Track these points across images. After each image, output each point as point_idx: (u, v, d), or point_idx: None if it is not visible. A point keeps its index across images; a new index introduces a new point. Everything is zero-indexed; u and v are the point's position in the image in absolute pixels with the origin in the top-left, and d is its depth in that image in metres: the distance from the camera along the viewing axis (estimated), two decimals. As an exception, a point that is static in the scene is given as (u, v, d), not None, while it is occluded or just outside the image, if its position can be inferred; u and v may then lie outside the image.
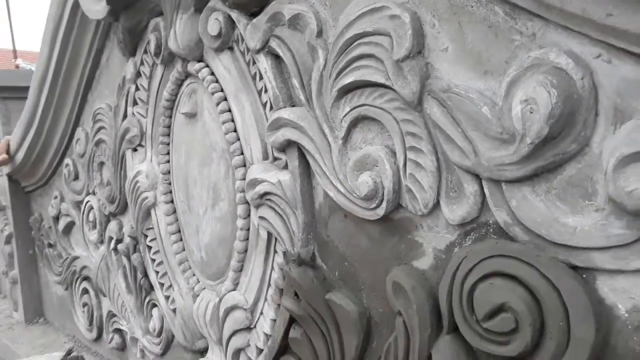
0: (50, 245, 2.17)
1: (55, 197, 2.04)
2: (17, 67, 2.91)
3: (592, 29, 0.58)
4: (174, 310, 1.39)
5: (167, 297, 1.43)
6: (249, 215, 1.10)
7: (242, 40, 1.05)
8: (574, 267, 0.64)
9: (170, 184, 1.37)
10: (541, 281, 0.65)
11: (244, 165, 1.10)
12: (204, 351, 1.32)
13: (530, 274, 0.66)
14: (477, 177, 0.71)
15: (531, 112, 0.62)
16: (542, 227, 0.65)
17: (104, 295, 1.78)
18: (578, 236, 0.62)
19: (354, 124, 0.87)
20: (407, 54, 0.75)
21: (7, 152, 2.11)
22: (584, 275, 0.64)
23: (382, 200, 0.82)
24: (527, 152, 0.64)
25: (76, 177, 1.86)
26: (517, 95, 0.64)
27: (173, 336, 1.43)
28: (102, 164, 1.68)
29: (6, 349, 2.20)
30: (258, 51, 1.00)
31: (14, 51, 3.67)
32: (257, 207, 1.05)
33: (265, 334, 1.10)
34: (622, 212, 0.58)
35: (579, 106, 0.61)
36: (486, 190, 0.70)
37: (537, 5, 0.63)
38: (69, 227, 1.99)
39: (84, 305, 1.94)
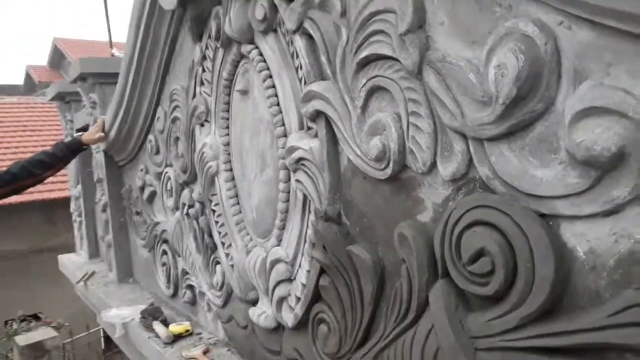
0: (137, 213, 2.47)
1: (141, 170, 2.33)
2: (112, 55, 3.29)
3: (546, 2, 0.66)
4: (232, 266, 1.58)
5: (227, 255, 1.63)
6: (288, 180, 1.25)
7: (283, 23, 1.19)
8: (543, 215, 0.71)
9: (229, 154, 1.55)
10: (513, 228, 0.73)
11: (285, 135, 1.24)
12: (255, 301, 1.50)
13: (504, 221, 0.74)
14: (464, 137, 0.80)
15: (502, 76, 0.70)
16: (515, 180, 0.73)
17: (179, 256, 2.03)
18: (544, 186, 0.70)
19: (370, 93, 0.98)
20: (408, 29, 0.85)
21: (103, 130, 2.43)
22: (551, 222, 0.71)
23: (389, 161, 0.93)
24: (501, 112, 0.72)
25: (157, 151, 2.11)
26: (492, 62, 0.72)
27: (232, 289, 1.63)
28: (177, 138, 1.90)
29: (101, 302, 2.56)
30: (294, 32, 1.14)
31: (110, 41, 4.13)
32: (294, 171, 1.20)
33: (302, 284, 1.25)
34: (576, 163, 0.65)
35: (543, 69, 0.68)
36: (471, 148, 0.79)
37: (510, -20, 0.70)
38: (152, 196, 2.27)
39: (163, 265, 2.21)
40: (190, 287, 1.97)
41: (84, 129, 2.72)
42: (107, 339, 6.12)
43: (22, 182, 2.20)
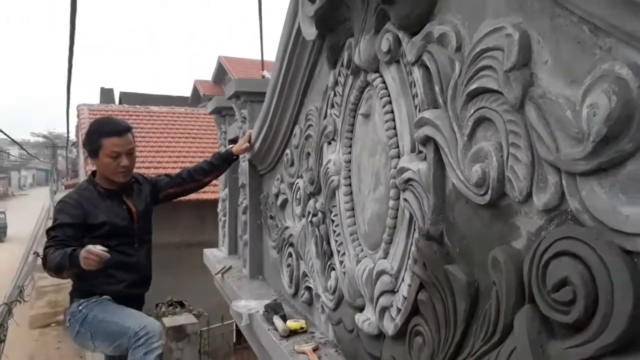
0: (271, 217, 2.75)
1: (278, 179, 2.60)
2: (263, 77, 3.69)
3: (647, 45, 0.68)
4: (344, 273, 1.72)
5: (341, 262, 1.77)
6: (398, 198, 1.35)
7: (405, 55, 1.30)
8: (627, 252, 0.73)
9: (349, 170, 1.70)
10: (596, 260, 0.76)
11: (398, 157, 1.35)
12: (362, 308, 1.61)
13: (589, 254, 0.77)
14: (558, 170, 0.84)
15: (594, 115, 0.74)
16: (603, 215, 0.76)
17: (301, 259, 2.22)
18: (629, 223, 0.72)
19: (477, 123, 1.04)
20: (512, 66, 0.91)
21: (249, 141, 2.76)
22: (635, 259, 0.72)
23: (488, 188, 0.99)
24: (591, 149, 0.75)
25: (292, 164, 2.35)
26: (587, 101, 0.76)
27: (343, 295, 1.76)
28: (308, 154, 2.11)
29: (234, 293, 2.87)
30: (413, 63, 1.25)
31: (262, 63, 4.61)
32: (403, 190, 1.30)
33: (404, 297, 1.34)
34: (662, 203, 0.66)
35: (635, 111, 0.70)
36: (564, 182, 0.83)
37: (608, 25, 0.74)
38: (284, 203, 2.51)
39: (288, 266, 2.43)
40: (309, 288, 2.15)
41: (234, 140, 3.14)
42: (238, 333, 6.67)
43: (187, 185, 2.79)
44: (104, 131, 2.31)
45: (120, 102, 18.94)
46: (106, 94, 21.56)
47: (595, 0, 0.74)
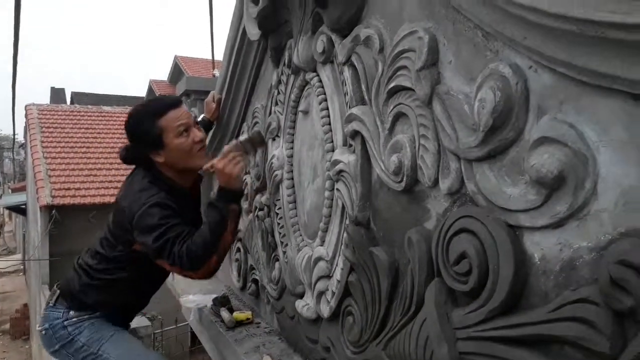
0: (220, 214, 2.80)
1: (226, 176, 2.65)
2: (213, 75, 3.74)
3: (522, 48, 0.80)
4: (287, 263, 1.81)
5: (284, 252, 1.85)
6: (332, 189, 1.45)
7: (337, 55, 1.40)
8: (511, 226, 0.85)
9: (292, 164, 1.79)
10: (487, 235, 0.87)
11: (332, 150, 1.45)
12: (302, 295, 1.70)
13: (481, 229, 0.88)
14: (458, 158, 0.95)
15: (483, 108, 0.85)
16: (492, 195, 0.87)
17: (249, 253, 2.29)
18: (512, 201, 0.83)
19: (396, 118, 1.15)
20: (422, 66, 1.02)
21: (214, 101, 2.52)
22: (516, 232, 0.84)
23: (404, 175, 1.09)
24: (482, 138, 0.87)
25: (239, 161, 2.41)
26: (478, 96, 0.88)
27: (285, 284, 1.84)
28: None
29: (184, 290, 2.90)
30: (344, 63, 1.35)
31: (213, 62, 4.66)
32: (336, 181, 1.40)
33: (337, 280, 1.43)
34: (532, 182, 0.78)
35: (514, 104, 0.82)
36: (462, 167, 0.94)
37: (495, 31, 0.86)
38: (232, 199, 2.57)
39: (236, 260, 2.49)
40: (256, 281, 2.22)
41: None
42: (193, 335, 6.63)
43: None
44: (155, 111, 1.77)
45: (71, 102, 18.37)
46: (57, 94, 20.88)
47: (483, 10, 0.86)
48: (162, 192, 1.72)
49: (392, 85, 1.13)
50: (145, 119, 1.77)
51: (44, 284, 9.71)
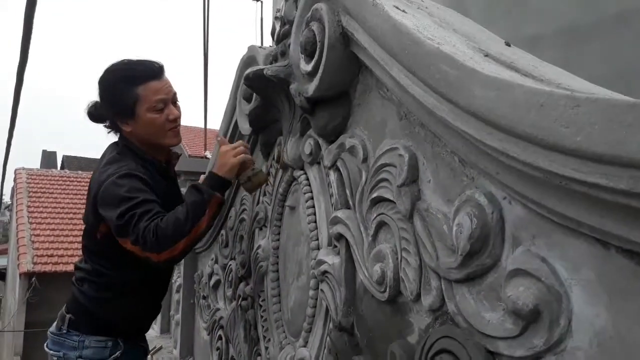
0: (204, 297, 2.75)
1: (212, 259, 2.64)
2: (205, 157, 3.84)
3: (496, 181, 0.85)
4: (269, 359, 1.76)
5: (266, 348, 1.82)
6: (317, 288, 1.45)
7: (323, 158, 1.45)
8: (490, 352, 0.85)
9: (277, 257, 1.80)
10: (467, 359, 0.87)
11: (318, 249, 1.47)
12: (283, 395, 1.65)
13: (462, 352, 0.88)
14: (439, 276, 0.97)
15: (460, 233, 0.89)
16: (472, 318, 0.88)
17: (230, 343, 2.24)
18: (490, 327, 0.84)
19: (379, 227, 1.18)
20: (403, 182, 1.06)
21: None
22: (496, 358, 0.84)
23: (387, 286, 1.11)
24: (460, 261, 0.89)
25: (226, 245, 2.41)
26: (456, 220, 0.91)
27: (267, 381, 1.79)
28: (242, 237, 2.19)
29: (162, 376, 2.80)
30: (329, 167, 1.40)
31: (205, 144, 4.78)
32: (321, 281, 1.40)
33: (320, 385, 1.40)
34: (510, 312, 0.80)
35: (490, 232, 0.85)
36: (443, 286, 0.96)
37: (469, 160, 0.91)
38: (217, 284, 2.54)
39: (217, 349, 2.42)
40: (236, 373, 2.15)
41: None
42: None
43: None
44: (136, 76, 1.60)
45: (62, 167, 18.42)
46: (48, 157, 20.93)
47: (458, 141, 0.91)
48: (134, 164, 1.58)
49: (374, 195, 1.17)
50: (122, 83, 1.60)
51: (16, 355, 9.27)
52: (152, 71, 1.62)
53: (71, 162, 19.48)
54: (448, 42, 0.93)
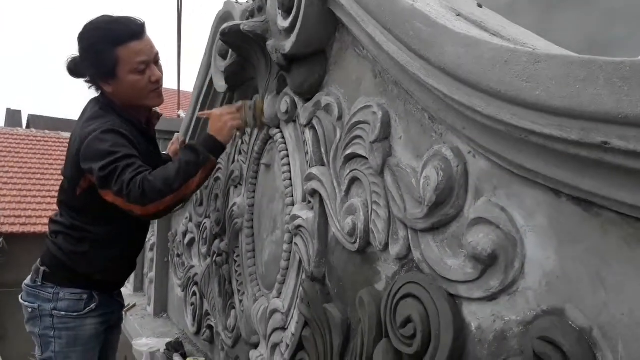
0: (178, 255, 2.79)
1: (187, 218, 2.66)
2: (178, 116, 3.78)
3: (462, 135, 0.90)
4: (243, 312, 1.82)
5: (240, 301, 1.87)
6: (291, 242, 1.50)
7: (299, 117, 1.48)
8: (451, 295, 0.92)
9: (252, 214, 1.83)
10: (430, 302, 0.94)
11: (292, 205, 1.51)
12: (256, 345, 1.72)
13: (426, 296, 0.95)
14: (406, 226, 1.03)
15: (427, 185, 0.94)
16: (435, 264, 0.95)
17: (205, 298, 2.29)
18: (452, 272, 0.91)
19: (352, 182, 1.23)
20: (375, 139, 1.10)
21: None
22: (457, 301, 0.91)
23: (357, 237, 1.16)
24: (426, 211, 0.95)
25: (200, 204, 2.43)
26: (423, 173, 0.96)
27: (240, 333, 1.86)
28: (216, 195, 2.21)
29: (136, 332, 2.85)
30: (305, 125, 1.43)
31: (178, 103, 4.71)
32: (295, 235, 1.45)
33: (292, 333, 1.47)
34: (470, 257, 0.86)
35: (455, 184, 0.91)
36: (410, 236, 1.02)
37: (438, 117, 0.95)
38: (191, 242, 2.58)
39: (192, 304, 2.48)
40: (210, 327, 2.22)
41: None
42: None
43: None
44: (116, 37, 1.55)
45: (27, 126, 17.83)
46: (12, 116, 20.21)
47: (429, 98, 0.95)
48: (118, 120, 1.57)
49: (348, 151, 1.21)
50: (102, 43, 1.55)
51: (-16, 316, 9.18)
52: (133, 31, 1.58)
53: (37, 122, 18.87)
54: (422, 0, 0.96)
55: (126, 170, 1.43)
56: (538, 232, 0.77)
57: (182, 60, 5.05)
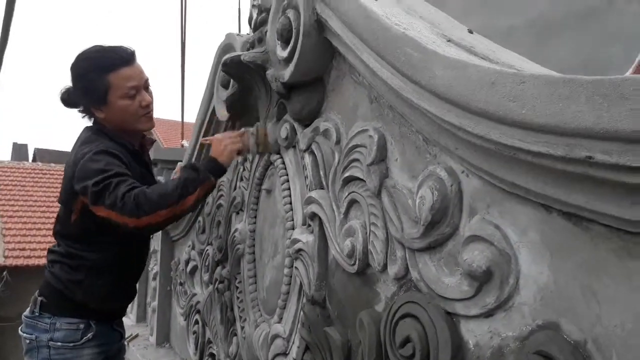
0: (180, 284, 2.78)
1: (189, 246, 2.67)
2: (182, 146, 3.85)
3: (455, 156, 0.92)
4: (244, 338, 1.82)
5: (242, 327, 1.87)
6: (291, 266, 1.51)
7: (299, 142, 1.51)
8: (449, 313, 0.93)
9: (253, 239, 1.85)
10: (428, 321, 0.95)
11: (293, 229, 1.53)
12: (258, 372, 1.71)
13: (424, 315, 0.96)
14: (403, 246, 1.04)
15: (422, 205, 0.96)
16: (433, 283, 0.96)
17: (207, 326, 2.28)
18: (449, 290, 0.92)
19: (350, 204, 1.25)
20: (372, 161, 1.13)
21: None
22: (454, 319, 0.92)
23: (356, 259, 1.17)
24: (422, 231, 0.96)
25: (203, 231, 2.45)
26: (419, 193, 0.98)
27: None
28: (219, 222, 2.23)
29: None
30: (305, 150, 1.46)
31: (182, 133, 4.79)
32: (295, 259, 1.46)
33: (294, 359, 1.46)
34: (466, 275, 0.87)
35: (450, 203, 0.93)
36: (407, 256, 1.03)
37: (432, 138, 0.98)
38: (194, 270, 2.58)
39: (194, 333, 2.47)
40: (212, 355, 2.20)
41: None
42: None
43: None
44: (107, 64, 1.62)
45: (34, 160, 18.02)
46: (19, 150, 20.44)
47: (422, 120, 0.98)
48: (110, 143, 1.62)
49: (346, 174, 1.24)
50: (93, 71, 1.62)
51: (-14, 351, 9.09)
52: (123, 58, 1.64)
53: (43, 155, 19.07)
54: (414, 27, 1.00)
55: (120, 185, 1.46)
56: (531, 248, 0.79)
57: (185, 92, 5.15)
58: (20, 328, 1.74)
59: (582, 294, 0.70)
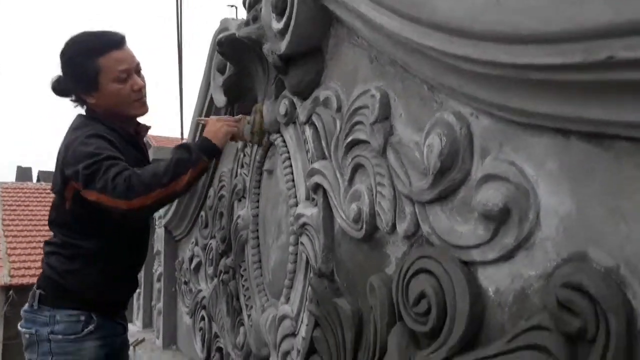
0: (185, 283, 2.73)
1: (192, 242, 2.62)
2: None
3: (462, 96, 0.88)
4: (251, 326, 1.76)
5: (248, 315, 1.82)
6: (297, 243, 1.46)
7: (299, 116, 1.47)
8: (465, 262, 0.88)
9: (257, 224, 1.80)
10: (443, 273, 0.90)
11: (296, 205, 1.48)
12: (267, 357, 1.65)
13: (437, 268, 0.91)
14: (412, 201, 0.99)
15: (431, 152, 0.91)
16: (446, 234, 0.91)
17: (213, 320, 2.23)
18: (463, 238, 0.87)
19: (355, 169, 1.20)
20: (375, 120, 1.09)
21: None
22: (471, 268, 0.87)
23: (363, 222, 1.13)
24: (432, 180, 0.92)
25: (206, 225, 2.41)
26: (426, 142, 0.94)
27: (250, 349, 1.79)
28: (221, 213, 2.19)
29: (146, 364, 2.76)
30: (305, 123, 1.42)
31: (181, 132, 4.79)
32: (300, 235, 1.41)
33: (303, 337, 1.41)
34: (481, 217, 0.83)
35: (459, 147, 0.88)
36: (417, 210, 0.98)
37: (438, 84, 0.94)
38: (198, 266, 2.53)
39: (200, 329, 2.41)
40: (220, 349, 2.14)
41: None
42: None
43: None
44: (96, 48, 1.58)
45: (38, 181, 18.01)
46: (23, 173, 20.44)
47: (425, 65, 0.94)
48: (102, 127, 1.58)
49: (349, 139, 1.19)
50: (83, 55, 1.58)
51: (-7, 371, 9.01)
52: (113, 41, 1.61)
53: (47, 177, 19.06)
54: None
55: (110, 168, 1.42)
56: (550, 179, 0.74)
57: (184, 90, 5.14)
58: (19, 324, 1.69)
59: (609, 216, 0.66)
